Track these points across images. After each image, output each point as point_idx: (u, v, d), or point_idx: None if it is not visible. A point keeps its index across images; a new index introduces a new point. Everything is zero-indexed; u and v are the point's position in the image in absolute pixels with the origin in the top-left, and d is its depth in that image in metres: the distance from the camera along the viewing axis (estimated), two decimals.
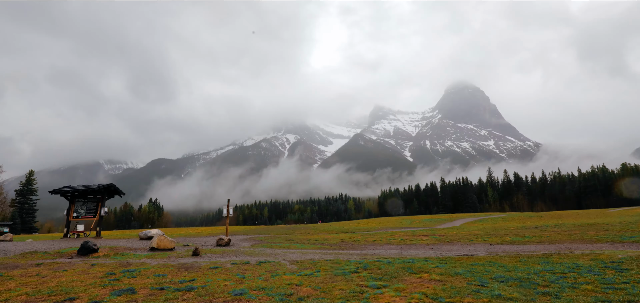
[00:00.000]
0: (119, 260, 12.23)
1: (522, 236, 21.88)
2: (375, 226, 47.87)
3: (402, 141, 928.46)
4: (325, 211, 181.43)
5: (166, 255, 14.16)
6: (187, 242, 22.13)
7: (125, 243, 20.58)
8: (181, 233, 41.02)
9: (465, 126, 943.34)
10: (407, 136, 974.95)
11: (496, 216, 61.70)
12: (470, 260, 11.30)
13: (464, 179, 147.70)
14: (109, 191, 28.13)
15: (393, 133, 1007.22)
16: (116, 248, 16.27)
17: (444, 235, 25.25)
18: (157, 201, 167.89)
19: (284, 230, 43.39)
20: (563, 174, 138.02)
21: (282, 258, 12.73)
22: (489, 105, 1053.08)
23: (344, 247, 19.35)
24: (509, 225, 34.94)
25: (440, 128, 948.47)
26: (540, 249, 15.24)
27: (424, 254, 14.22)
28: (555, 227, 28.23)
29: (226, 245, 19.60)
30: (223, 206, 25.37)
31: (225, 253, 15.20)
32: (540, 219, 45.49)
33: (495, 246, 17.23)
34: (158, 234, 17.56)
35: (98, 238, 24.99)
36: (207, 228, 70.87)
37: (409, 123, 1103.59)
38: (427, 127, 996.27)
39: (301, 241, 24.08)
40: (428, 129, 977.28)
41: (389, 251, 16.18)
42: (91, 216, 26.83)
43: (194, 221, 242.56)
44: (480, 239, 21.18)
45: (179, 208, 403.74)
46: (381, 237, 25.45)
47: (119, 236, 31.70)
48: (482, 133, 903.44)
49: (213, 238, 27.03)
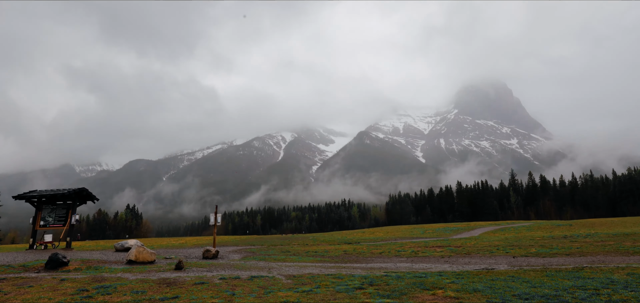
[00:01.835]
0: (92, 275, 12.23)
1: (549, 247, 21.87)
2: (382, 236, 47.86)
3: (413, 140, 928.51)
4: (326, 219, 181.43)
5: (146, 268, 14.15)
6: (169, 254, 22.13)
7: (99, 255, 20.57)
8: (163, 244, 41.00)
9: (485, 123, 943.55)
10: (419, 134, 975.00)
11: (520, 224, 61.70)
12: (490, 274, 11.30)
13: (483, 182, 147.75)
14: (81, 197, 28.12)
15: (403, 131, 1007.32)
16: (89, 261, 16.27)
17: (460, 246, 25.25)
18: (136, 208, 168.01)
19: (279, 241, 43.41)
20: (596, 177, 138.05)
21: (277, 273, 12.72)
22: (512, 99, 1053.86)
23: (347, 260, 19.34)
24: (535, 235, 34.92)
25: (457, 125, 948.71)
26: (569, 262, 15.24)
27: (438, 268, 14.22)
28: (586, 237, 28.23)
29: (214, 258, 19.60)
30: (210, 214, 25.38)
31: (213, 266, 15.20)
32: (569, 228, 45.49)
33: (518, 259, 17.23)
34: (136, 245, 17.56)
35: (68, 250, 24.99)
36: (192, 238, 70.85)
37: (420, 119, 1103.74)
38: (442, 124, 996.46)
39: (298, 253, 24.08)
40: (442, 126, 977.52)
41: (398, 265, 16.18)
42: (60, 224, 26.82)
43: (177, 231, 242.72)
44: (502, 251, 21.18)
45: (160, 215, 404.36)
46: (389, 248, 25.44)
47: (92, 247, 31.68)
48: (504, 131, 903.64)
49: (199, 249, 27.03)
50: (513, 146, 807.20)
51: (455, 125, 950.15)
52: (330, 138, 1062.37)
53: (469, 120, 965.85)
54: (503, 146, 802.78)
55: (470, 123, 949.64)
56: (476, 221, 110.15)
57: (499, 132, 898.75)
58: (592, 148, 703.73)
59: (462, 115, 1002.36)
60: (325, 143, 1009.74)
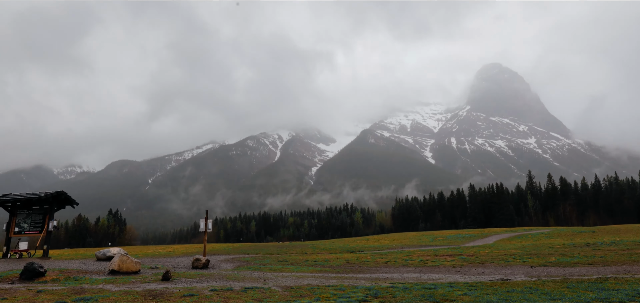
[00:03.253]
0: (71, 286, 12.23)
1: (570, 256, 21.89)
2: (388, 244, 47.89)
3: (422, 139, 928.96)
4: (326, 225, 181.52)
5: (130, 279, 14.16)
6: (155, 264, 22.14)
7: (79, 264, 20.58)
8: (148, 252, 41.01)
9: (500, 120, 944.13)
10: (428, 133, 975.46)
11: (538, 231, 61.72)
12: (506, 286, 11.30)
13: (498, 185, 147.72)
14: (59, 201, 28.13)
15: (410, 129, 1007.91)
16: (68, 271, 16.27)
17: (473, 254, 25.27)
18: (119, 213, 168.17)
19: (275, 249, 43.47)
20: (621, 179, 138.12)
21: (273, 284, 12.73)
22: (529, 94, 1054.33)
23: (349, 270, 19.36)
24: (554, 243, 34.95)
25: (469, 123, 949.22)
26: (592, 272, 15.24)
27: (449, 278, 14.23)
28: (611, 245, 28.25)
29: (204, 267, 19.61)
30: (200, 220, 25.38)
31: (203, 277, 15.20)
32: (592, 235, 45.51)
33: (536, 269, 17.25)
34: (120, 254, 17.57)
35: (45, 259, 24.98)
36: (180, 246, 70.88)
37: (430, 116, 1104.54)
38: (453, 121, 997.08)
39: (296, 262, 24.09)
40: (454, 123, 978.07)
41: (405, 275, 16.19)
42: (37, 231, 26.83)
43: (164, 238, 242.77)
44: (519, 260, 21.20)
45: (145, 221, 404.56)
46: (396, 257, 25.47)
47: (71, 256, 31.70)
48: (520, 129, 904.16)
49: (188, 258, 27.05)
50: (531, 146, 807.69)
51: (468, 123, 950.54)
52: (331, 136, 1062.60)
53: (482, 117, 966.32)
54: (520, 145, 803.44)
55: (484, 121, 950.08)
56: (490, 227, 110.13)
57: (515, 130, 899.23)
58: (617, 148, 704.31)
59: (475, 112, 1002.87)
60: (325, 142, 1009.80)
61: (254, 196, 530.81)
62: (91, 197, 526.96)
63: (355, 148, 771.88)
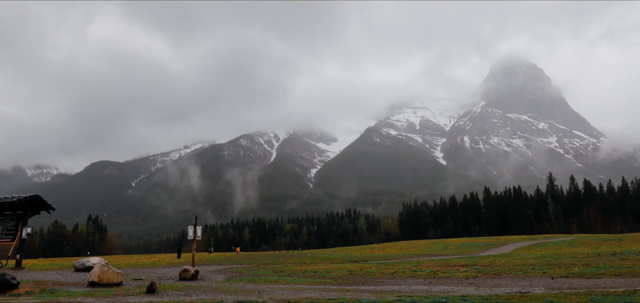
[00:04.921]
0: (46, 299, 12.23)
1: (595, 266, 21.89)
2: (395, 252, 47.93)
3: (432, 137, 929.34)
4: (327, 232, 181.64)
5: (111, 292, 14.16)
6: (139, 275, 22.15)
7: (55, 275, 20.58)
8: (132, 262, 41.03)
9: (518, 117, 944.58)
10: (439, 131, 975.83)
11: (559, 239, 61.75)
12: (524, 299, 11.29)
13: (515, 189, 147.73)
14: (34, 206, 28.11)
15: (419, 127, 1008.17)
16: (43, 282, 16.27)
17: (488, 264, 25.27)
18: (99, 220, 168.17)
19: (271, 258, 43.47)
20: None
21: (268, 297, 12.72)
22: (550, 88, 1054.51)
23: (352, 281, 19.36)
24: (577, 252, 34.96)
25: (484, 120, 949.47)
26: (619, 284, 15.24)
27: (462, 291, 14.22)
28: (639, 254, 28.25)
29: (193, 279, 19.62)
30: (188, 227, 25.39)
31: (192, 289, 15.20)
32: (619, 243, 45.51)
33: (558, 281, 17.24)
34: (100, 264, 17.57)
35: (18, 270, 24.97)
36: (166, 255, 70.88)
37: (440, 112, 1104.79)
38: (466, 118, 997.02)
39: (294, 273, 24.10)
40: (467, 121, 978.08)
41: (413, 287, 16.19)
42: (9, 239, 26.80)
43: (149, 247, 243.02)
44: (538, 270, 21.20)
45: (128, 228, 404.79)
46: (403, 268, 25.48)
47: (47, 266, 31.71)
48: (540, 127, 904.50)
49: (175, 269, 27.06)
50: (552, 146, 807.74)
51: (482, 120, 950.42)
52: (331, 135, 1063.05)
53: (498, 114, 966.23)
54: (539, 145, 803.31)
55: (500, 118, 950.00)
56: (507, 235, 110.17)
57: (534, 128, 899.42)
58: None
59: (490, 108, 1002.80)
60: (326, 141, 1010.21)
61: (247, 200, 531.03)
62: (68, 202, 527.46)
63: (358, 148, 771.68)
